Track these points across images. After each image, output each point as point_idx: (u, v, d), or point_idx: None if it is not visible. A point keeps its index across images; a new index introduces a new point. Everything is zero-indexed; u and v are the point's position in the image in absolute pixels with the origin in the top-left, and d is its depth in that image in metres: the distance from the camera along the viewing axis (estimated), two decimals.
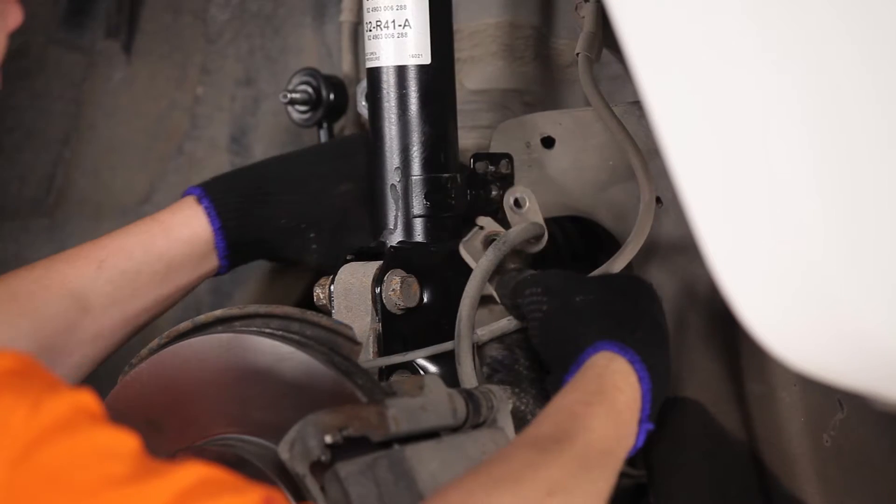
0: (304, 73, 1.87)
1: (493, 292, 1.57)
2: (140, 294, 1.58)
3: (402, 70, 1.59)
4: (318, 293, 1.57)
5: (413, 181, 1.59)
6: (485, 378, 1.54)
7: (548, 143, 1.74)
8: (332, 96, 1.86)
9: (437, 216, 1.60)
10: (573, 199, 1.73)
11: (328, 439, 1.23)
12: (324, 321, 1.39)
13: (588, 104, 1.63)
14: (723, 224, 1.03)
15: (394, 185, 1.60)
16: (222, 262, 1.63)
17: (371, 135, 1.62)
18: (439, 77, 1.60)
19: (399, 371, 1.52)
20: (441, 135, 1.60)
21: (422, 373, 1.53)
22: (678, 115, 1.02)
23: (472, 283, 1.54)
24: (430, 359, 1.54)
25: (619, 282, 1.53)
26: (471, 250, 1.57)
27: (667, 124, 1.03)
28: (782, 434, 1.64)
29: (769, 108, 0.98)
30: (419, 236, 1.60)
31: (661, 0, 1.00)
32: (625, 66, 1.57)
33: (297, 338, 1.37)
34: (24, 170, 2.12)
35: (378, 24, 1.59)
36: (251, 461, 1.29)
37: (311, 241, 1.66)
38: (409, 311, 1.54)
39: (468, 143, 1.82)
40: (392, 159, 1.60)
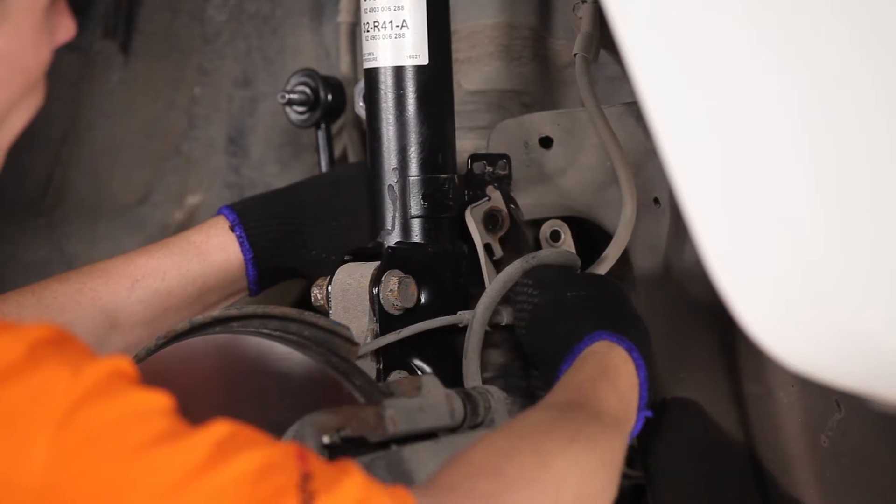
0: (302, 73, 1.87)
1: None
2: (169, 314, 1.61)
3: (399, 71, 1.59)
4: (316, 294, 1.57)
5: (411, 182, 1.59)
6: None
7: (546, 143, 1.74)
8: (330, 97, 1.86)
9: (435, 217, 1.60)
10: (571, 199, 1.73)
11: (326, 440, 1.23)
12: (321, 322, 1.39)
13: None
14: (720, 224, 1.03)
15: (391, 186, 1.59)
16: (252, 286, 1.66)
17: (368, 135, 1.62)
18: (437, 78, 1.60)
19: (397, 371, 1.52)
20: (439, 135, 1.60)
21: (419, 373, 1.53)
22: (676, 115, 1.02)
23: (494, 286, 1.53)
24: (427, 360, 1.54)
25: (604, 280, 1.56)
26: (476, 218, 1.59)
27: (664, 125, 1.03)
28: (780, 434, 1.64)
29: (768, 109, 0.98)
30: (417, 237, 1.59)
31: (659, 1, 1.00)
32: (622, 67, 1.57)
33: (294, 338, 1.37)
34: (22, 170, 2.12)
35: (375, 24, 1.59)
36: None
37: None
38: (407, 311, 1.54)
39: (466, 143, 1.82)
40: (390, 160, 1.60)
